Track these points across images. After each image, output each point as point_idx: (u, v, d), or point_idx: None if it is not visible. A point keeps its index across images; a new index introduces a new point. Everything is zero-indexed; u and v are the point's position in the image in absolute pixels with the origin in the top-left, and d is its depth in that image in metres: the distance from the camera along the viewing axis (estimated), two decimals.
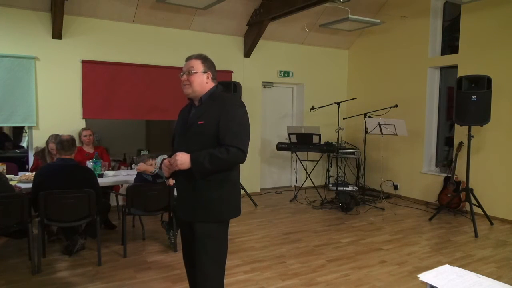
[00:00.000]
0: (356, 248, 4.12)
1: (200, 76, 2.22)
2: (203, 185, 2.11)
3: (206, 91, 2.23)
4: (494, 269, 3.62)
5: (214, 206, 2.13)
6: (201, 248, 2.13)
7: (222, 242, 2.20)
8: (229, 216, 2.20)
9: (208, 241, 2.13)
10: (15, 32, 4.84)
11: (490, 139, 5.36)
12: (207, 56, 2.30)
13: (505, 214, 5.20)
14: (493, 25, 5.29)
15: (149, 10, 5.43)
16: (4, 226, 3.27)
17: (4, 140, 7.12)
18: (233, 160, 2.09)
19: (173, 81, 5.83)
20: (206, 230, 2.13)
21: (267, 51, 6.64)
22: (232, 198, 2.20)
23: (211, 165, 2.04)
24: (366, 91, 7.20)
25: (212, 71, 2.28)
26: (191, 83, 2.21)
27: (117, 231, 4.52)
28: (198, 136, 2.13)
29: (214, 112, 2.13)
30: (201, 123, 2.13)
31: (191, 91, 2.22)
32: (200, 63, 2.24)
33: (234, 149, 2.05)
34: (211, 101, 2.20)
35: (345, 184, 7.01)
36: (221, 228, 2.18)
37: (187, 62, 2.29)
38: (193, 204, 2.14)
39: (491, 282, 1.60)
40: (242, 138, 2.11)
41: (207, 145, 2.09)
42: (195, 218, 2.14)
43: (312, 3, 4.97)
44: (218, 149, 2.06)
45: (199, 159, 2.04)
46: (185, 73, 2.24)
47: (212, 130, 2.10)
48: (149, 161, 4.01)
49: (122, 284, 3.20)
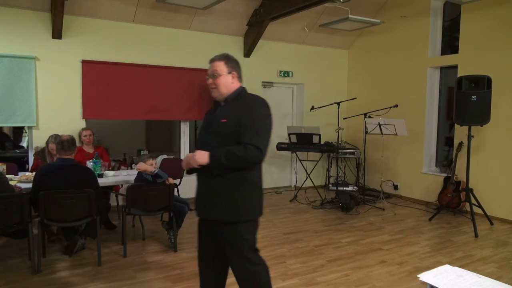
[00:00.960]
0: (356, 248, 4.12)
1: (225, 77, 2.22)
2: (224, 185, 2.13)
3: (232, 91, 2.24)
4: (494, 269, 3.62)
5: (236, 205, 2.13)
6: (233, 250, 2.17)
7: (254, 243, 2.21)
8: (253, 216, 2.20)
9: (240, 243, 2.16)
10: (15, 32, 4.84)
11: (490, 139, 5.36)
12: (229, 55, 2.28)
13: (505, 214, 5.20)
14: (493, 25, 5.30)
15: (149, 10, 5.43)
16: (4, 226, 3.26)
17: (4, 140, 7.12)
18: (250, 158, 2.07)
19: (173, 81, 5.83)
20: (233, 231, 2.14)
21: (267, 51, 6.64)
22: (253, 197, 2.20)
23: (227, 161, 2.05)
24: (366, 91, 7.20)
25: (237, 70, 2.26)
26: (217, 86, 2.22)
27: (117, 231, 4.51)
28: (219, 134, 2.15)
29: (237, 111, 2.14)
30: (224, 121, 2.14)
31: (219, 94, 2.23)
32: (223, 64, 2.23)
33: (252, 147, 2.05)
34: (236, 101, 2.20)
35: (345, 184, 7.01)
36: (248, 227, 2.18)
37: (211, 65, 2.28)
38: (213, 203, 2.16)
39: (491, 282, 1.60)
40: (261, 137, 2.10)
41: (228, 143, 2.10)
42: (218, 218, 2.15)
43: (312, 3, 4.97)
44: (237, 147, 2.07)
45: (216, 155, 2.07)
46: (210, 77, 2.24)
47: (233, 128, 2.10)
48: (149, 161, 4.00)
49: (122, 284, 3.20)
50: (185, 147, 6.30)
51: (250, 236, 2.19)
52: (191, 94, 5.99)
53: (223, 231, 2.17)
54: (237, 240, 2.16)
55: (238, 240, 2.16)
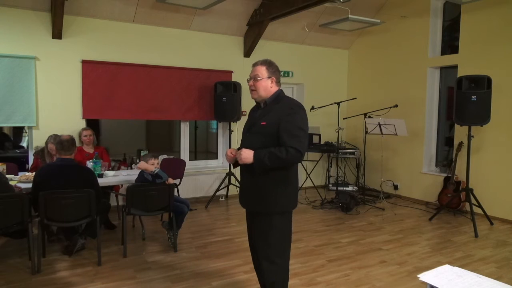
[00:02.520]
0: (356, 248, 4.12)
1: (265, 81, 2.44)
2: (265, 180, 2.36)
3: (271, 94, 2.45)
4: (494, 269, 3.62)
5: (275, 199, 2.37)
6: (264, 239, 2.41)
7: (285, 232, 2.45)
8: (288, 208, 2.44)
9: (271, 232, 2.39)
10: (15, 32, 4.84)
11: (490, 139, 5.35)
12: (271, 62, 2.50)
13: (505, 214, 5.20)
14: (493, 25, 5.30)
15: (149, 10, 5.43)
16: (4, 226, 3.26)
17: (4, 140, 7.13)
18: (291, 160, 2.30)
19: (173, 81, 5.83)
20: (268, 221, 2.38)
21: (267, 51, 6.63)
22: (290, 191, 2.44)
23: (270, 162, 2.28)
24: (366, 91, 7.20)
25: (276, 75, 2.48)
26: (257, 89, 2.44)
27: (117, 231, 4.51)
28: (260, 135, 2.38)
29: (276, 114, 2.36)
30: (263, 124, 2.37)
31: (257, 96, 2.47)
32: (265, 69, 2.45)
33: (292, 150, 2.27)
34: (275, 104, 2.43)
35: (345, 184, 7.01)
36: (283, 218, 2.42)
37: (253, 69, 2.50)
38: (255, 196, 2.41)
39: (491, 282, 1.60)
40: (300, 140, 2.31)
41: (267, 144, 2.32)
42: (257, 209, 2.41)
43: (312, 3, 4.97)
44: (279, 149, 2.29)
45: (260, 156, 2.29)
46: (252, 79, 2.47)
47: (272, 130, 2.33)
48: (151, 160, 4.00)
49: (122, 284, 3.20)
50: (185, 147, 6.30)
51: (282, 226, 2.42)
52: (191, 94, 5.99)
53: (258, 220, 2.43)
54: (268, 228, 2.39)
55: (268, 228, 2.39)
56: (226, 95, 5.80)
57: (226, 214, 5.54)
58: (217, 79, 6.03)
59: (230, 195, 6.32)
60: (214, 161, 6.65)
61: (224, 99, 5.81)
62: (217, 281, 3.28)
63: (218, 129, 6.67)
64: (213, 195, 6.00)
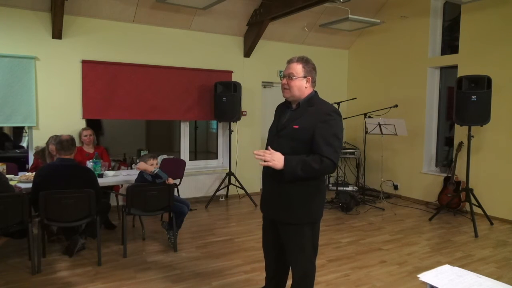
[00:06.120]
0: (356, 248, 4.12)
1: (300, 81, 2.22)
2: (295, 189, 2.19)
3: (305, 96, 2.24)
4: (494, 269, 3.62)
5: (306, 210, 2.22)
6: (298, 251, 2.28)
7: (315, 239, 2.33)
8: (318, 217, 2.32)
9: (304, 242, 2.26)
10: (15, 32, 4.84)
11: (490, 139, 5.35)
12: (308, 59, 2.27)
13: (505, 214, 5.20)
14: (493, 25, 5.29)
15: (149, 10, 5.43)
16: (4, 226, 3.26)
17: (4, 140, 7.12)
18: (325, 170, 2.14)
19: (173, 81, 5.83)
20: (300, 232, 2.24)
21: (267, 51, 6.63)
22: (321, 201, 2.32)
23: (303, 172, 2.09)
24: (366, 91, 7.20)
25: (313, 75, 2.27)
26: (291, 88, 2.23)
27: (117, 231, 4.51)
28: (290, 139, 2.18)
29: (310, 118, 2.16)
30: (296, 127, 2.17)
31: (290, 95, 2.25)
32: (301, 67, 2.23)
33: (327, 161, 2.09)
34: (308, 107, 2.22)
35: (345, 184, 7.00)
36: (314, 228, 2.30)
37: (288, 66, 2.27)
38: (283, 206, 2.24)
39: (491, 282, 1.60)
40: (336, 149, 2.13)
41: (297, 149, 2.14)
42: (287, 220, 2.25)
43: (312, 3, 4.97)
44: (312, 157, 2.10)
45: (292, 163, 2.09)
46: (286, 77, 2.25)
47: (305, 136, 2.13)
48: (150, 161, 4.00)
49: (122, 284, 3.20)
50: (185, 147, 6.30)
51: (313, 235, 2.30)
52: (191, 94, 5.99)
53: (289, 230, 2.27)
54: (301, 239, 2.26)
55: (302, 239, 2.26)
56: (226, 95, 5.80)
57: (226, 214, 5.54)
58: (217, 79, 6.03)
59: (230, 195, 6.32)
60: (214, 161, 6.65)
61: (224, 99, 5.81)
62: (217, 281, 3.28)
63: (218, 129, 6.67)
64: (213, 195, 6.00)
